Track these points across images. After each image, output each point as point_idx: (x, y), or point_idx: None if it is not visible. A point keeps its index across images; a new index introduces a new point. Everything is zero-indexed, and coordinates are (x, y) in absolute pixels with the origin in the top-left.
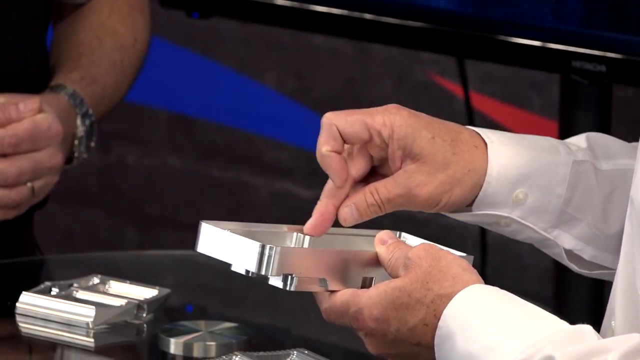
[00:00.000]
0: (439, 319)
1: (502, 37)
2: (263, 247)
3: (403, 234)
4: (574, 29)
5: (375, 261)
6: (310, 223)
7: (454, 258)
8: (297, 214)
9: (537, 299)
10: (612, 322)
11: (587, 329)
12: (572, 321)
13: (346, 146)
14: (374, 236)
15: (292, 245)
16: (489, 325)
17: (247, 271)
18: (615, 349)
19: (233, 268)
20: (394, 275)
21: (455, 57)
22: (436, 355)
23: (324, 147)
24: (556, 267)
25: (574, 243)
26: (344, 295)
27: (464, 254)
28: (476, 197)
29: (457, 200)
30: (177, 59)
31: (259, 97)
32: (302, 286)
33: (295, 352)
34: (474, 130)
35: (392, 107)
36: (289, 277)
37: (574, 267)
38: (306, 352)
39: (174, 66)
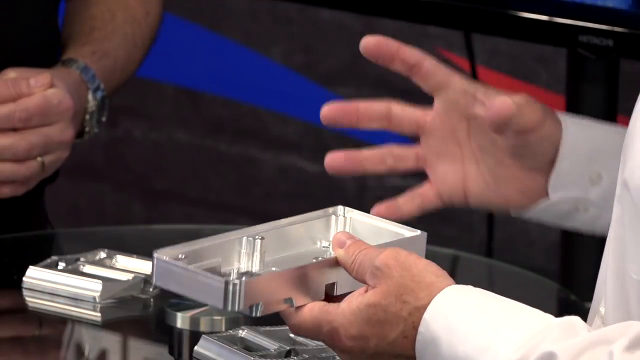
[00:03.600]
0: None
1: (509, 12)
2: (227, 284)
3: (347, 209)
4: (581, 2)
5: (335, 264)
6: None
7: (425, 265)
8: (304, 188)
9: (543, 274)
10: (601, 307)
11: (576, 320)
12: (579, 296)
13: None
14: (324, 218)
15: (243, 250)
16: (476, 326)
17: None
18: (616, 340)
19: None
20: (360, 280)
21: (462, 32)
22: None
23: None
24: (563, 242)
25: None
26: (313, 311)
27: (418, 232)
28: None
29: (551, 134)
30: (184, 33)
31: (266, 71)
32: (269, 309)
33: None
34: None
35: (523, 97)
36: (255, 305)
37: None
38: None
39: (180, 40)
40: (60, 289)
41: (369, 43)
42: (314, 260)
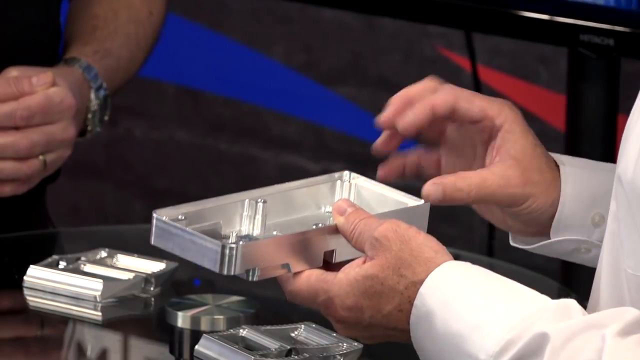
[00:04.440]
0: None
1: (510, 11)
2: (223, 247)
3: (353, 174)
4: (582, 2)
5: (335, 231)
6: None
7: (424, 239)
8: None
9: (544, 273)
10: (596, 303)
11: (571, 303)
12: (580, 295)
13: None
14: (329, 182)
15: (245, 213)
16: (471, 304)
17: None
18: (609, 324)
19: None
20: (358, 249)
21: (463, 31)
22: (412, 335)
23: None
24: None
25: None
26: (310, 278)
27: (421, 201)
28: (552, 223)
29: (539, 208)
30: (185, 32)
31: (267, 70)
32: (265, 274)
33: (303, 325)
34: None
35: (507, 102)
36: (252, 270)
37: None
38: (314, 325)
39: (181, 39)
40: (61, 288)
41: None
42: (314, 227)
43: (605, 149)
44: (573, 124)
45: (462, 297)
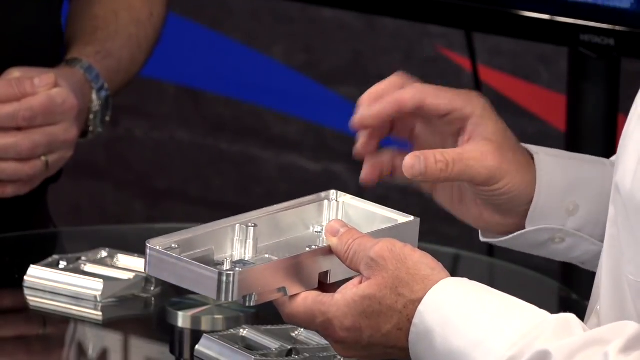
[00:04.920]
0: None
1: (511, 11)
2: (220, 275)
3: (339, 193)
4: (583, 2)
5: (329, 252)
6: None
7: (420, 257)
8: (304, 187)
9: (544, 273)
10: (597, 306)
11: (571, 318)
12: (580, 295)
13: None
14: (317, 202)
15: (236, 238)
16: (471, 320)
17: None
18: (611, 341)
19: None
20: (354, 269)
21: (463, 31)
22: (411, 353)
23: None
24: None
25: None
26: (307, 301)
27: (411, 217)
28: (527, 213)
29: (515, 189)
30: (185, 32)
31: (267, 70)
32: (262, 299)
33: None
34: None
35: (475, 92)
36: (249, 295)
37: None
38: None
39: (182, 39)
40: (61, 288)
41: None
42: (307, 249)
43: (606, 149)
44: (573, 124)
45: (461, 313)
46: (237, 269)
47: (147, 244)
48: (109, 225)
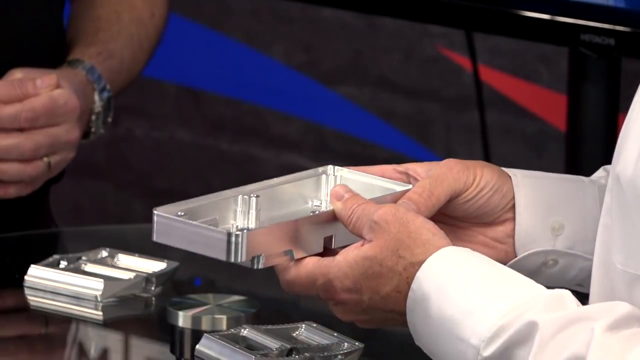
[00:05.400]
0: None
1: (511, 10)
2: (229, 235)
3: (337, 168)
4: (583, 1)
5: (333, 217)
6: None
7: (422, 222)
8: None
9: None
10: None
11: (566, 293)
12: (580, 294)
13: None
14: (314, 177)
15: (239, 209)
16: (466, 289)
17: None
18: (600, 318)
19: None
20: (357, 234)
21: (463, 30)
22: (408, 319)
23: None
24: None
25: None
26: (307, 266)
27: (409, 186)
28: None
29: (487, 183)
30: (186, 32)
31: (267, 70)
32: (269, 262)
33: (303, 325)
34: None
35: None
36: (257, 257)
37: None
38: (315, 325)
39: (182, 39)
40: (62, 287)
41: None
42: (312, 213)
43: (606, 149)
44: (574, 124)
45: (458, 282)
46: (245, 230)
47: (155, 211)
48: (110, 225)
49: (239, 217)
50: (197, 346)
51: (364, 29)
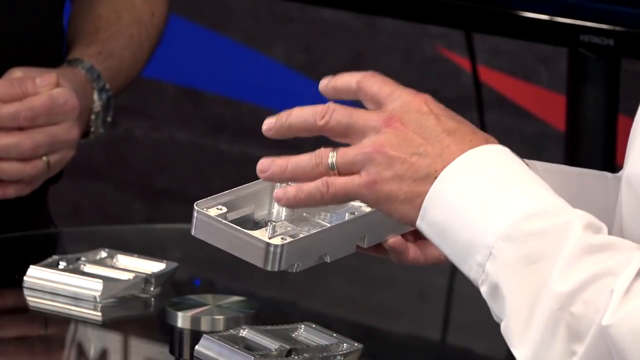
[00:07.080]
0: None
1: (510, 11)
2: (268, 245)
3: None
4: (582, 2)
5: (366, 218)
6: None
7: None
8: None
9: None
10: None
11: (604, 227)
12: None
13: None
14: None
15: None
16: (504, 181)
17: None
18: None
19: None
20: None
21: (463, 31)
22: (432, 191)
23: None
24: None
25: None
26: None
27: None
28: None
29: None
30: (185, 32)
31: (267, 70)
32: (304, 266)
33: (303, 325)
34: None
35: None
36: (294, 265)
37: None
38: (314, 325)
39: (181, 39)
40: (61, 288)
41: None
42: (347, 215)
43: (606, 149)
44: (573, 124)
45: (498, 173)
46: (287, 239)
47: (195, 207)
48: (109, 225)
49: (275, 205)
50: (197, 347)
51: (363, 29)
